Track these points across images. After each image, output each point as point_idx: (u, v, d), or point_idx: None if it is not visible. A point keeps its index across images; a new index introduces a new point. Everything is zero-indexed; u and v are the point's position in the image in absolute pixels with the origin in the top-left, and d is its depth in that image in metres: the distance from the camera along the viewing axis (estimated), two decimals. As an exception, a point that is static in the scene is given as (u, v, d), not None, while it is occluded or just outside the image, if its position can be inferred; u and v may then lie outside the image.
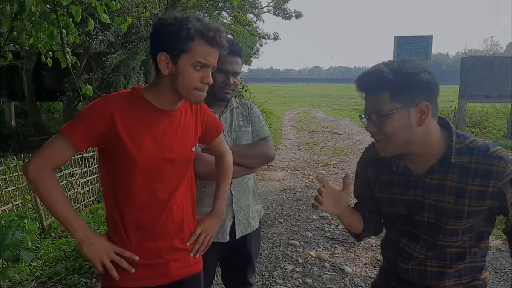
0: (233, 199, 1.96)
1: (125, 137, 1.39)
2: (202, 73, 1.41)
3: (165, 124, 1.48)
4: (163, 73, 1.41)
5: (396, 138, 1.30)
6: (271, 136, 2.06)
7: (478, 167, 1.28)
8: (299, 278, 3.52)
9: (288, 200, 5.68)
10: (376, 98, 1.29)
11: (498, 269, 3.70)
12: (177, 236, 1.57)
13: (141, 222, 1.48)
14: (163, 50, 1.39)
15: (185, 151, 1.55)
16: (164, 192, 1.50)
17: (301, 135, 12.01)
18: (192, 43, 1.37)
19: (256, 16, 15.01)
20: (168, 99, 1.47)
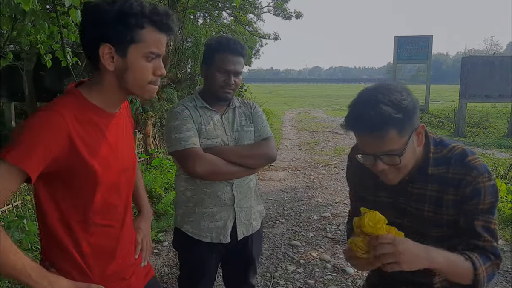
0: (234, 200, 1.94)
1: (84, 152, 1.19)
2: (154, 64, 1.24)
3: (114, 130, 1.31)
4: (108, 68, 1.20)
5: (406, 168, 1.30)
6: (273, 136, 2.05)
7: (454, 177, 1.30)
8: (300, 279, 3.50)
9: (289, 201, 5.66)
10: (382, 138, 1.22)
11: (501, 270, 3.68)
12: (131, 251, 1.47)
13: (102, 245, 1.32)
14: (105, 42, 1.17)
15: (132, 157, 1.42)
16: (121, 206, 1.37)
17: (302, 135, 12.00)
18: (142, 32, 1.18)
19: (256, 16, 15.00)
20: (115, 99, 1.29)
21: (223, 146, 1.90)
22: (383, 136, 1.21)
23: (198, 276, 2.01)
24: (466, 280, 1.25)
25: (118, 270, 1.38)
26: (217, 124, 1.92)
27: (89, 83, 1.28)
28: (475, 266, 1.23)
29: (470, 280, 1.24)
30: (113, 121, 1.31)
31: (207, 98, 1.95)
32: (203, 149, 1.83)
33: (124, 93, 1.28)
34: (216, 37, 1.95)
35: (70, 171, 1.20)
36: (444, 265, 1.21)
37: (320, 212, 5.15)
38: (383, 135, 1.21)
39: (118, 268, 1.38)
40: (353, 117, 1.25)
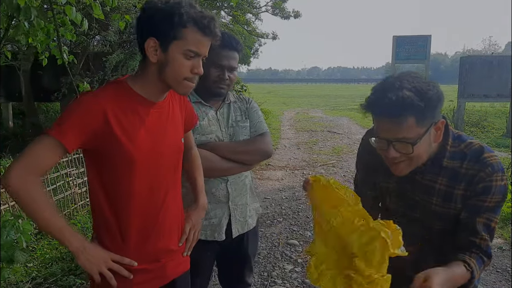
0: (229, 197, 1.91)
1: (120, 134, 1.31)
2: (193, 62, 1.33)
3: (155, 117, 1.40)
4: (151, 60, 1.32)
5: (419, 160, 1.28)
6: (269, 132, 2.02)
7: (467, 172, 1.28)
8: (298, 278, 3.48)
9: (287, 200, 5.63)
10: (400, 125, 1.20)
11: (499, 269, 3.66)
12: (173, 236, 1.53)
13: (139, 224, 1.40)
14: (152, 36, 1.29)
15: (176, 144, 1.49)
16: (161, 189, 1.44)
17: (300, 134, 11.98)
18: (184, 30, 1.28)
19: (255, 15, 14.99)
20: (156, 89, 1.39)
21: (217, 142, 1.87)
22: (401, 122, 1.19)
23: (193, 275, 1.98)
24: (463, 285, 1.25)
25: (155, 251, 1.45)
26: (212, 120, 1.89)
27: (136, 74, 1.40)
28: (473, 275, 1.24)
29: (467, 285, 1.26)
30: (154, 109, 1.40)
31: (201, 93, 1.91)
32: (197, 145, 1.80)
33: (164, 84, 1.37)
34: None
35: (107, 150, 1.32)
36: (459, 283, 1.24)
37: (318, 211, 5.12)
38: (402, 121, 1.19)
39: (154, 249, 1.45)
40: (374, 99, 1.23)
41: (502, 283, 3.43)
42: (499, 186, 1.25)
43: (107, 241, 1.40)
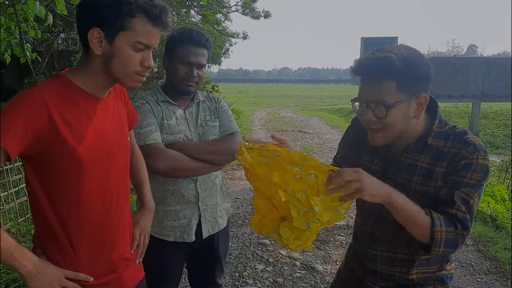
0: (199, 197, 1.87)
1: (67, 135, 1.17)
2: (142, 55, 1.23)
3: (102, 113, 1.29)
4: (95, 52, 1.20)
5: (393, 130, 1.28)
6: (239, 132, 2.00)
7: (450, 151, 1.29)
8: (269, 277, 3.47)
9: (258, 200, 5.62)
10: (380, 86, 1.24)
11: (464, 263, 3.78)
12: (127, 243, 1.42)
13: (92, 233, 1.28)
14: (96, 26, 1.17)
15: (125, 143, 1.39)
16: (113, 193, 1.33)
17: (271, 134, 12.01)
18: (132, 20, 1.18)
19: (225, 15, 14.92)
20: (100, 83, 1.26)
21: (186, 141, 1.83)
22: (380, 81, 1.23)
23: (161, 277, 1.93)
24: (423, 235, 1.23)
25: (110, 262, 1.34)
26: (180, 119, 1.85)
27: (76, 69, 1.28)
28: (433, 222, 1.22)
29: (427, 236, 1.22)
30: (100, 105, 1.29)
31: (169, 92, 1.87)
32: (165, 145, 1.76)
33: (109, 78, 1.26)
34: (179, 29, 1.89)
35: (53, 153, 1.18)
36: (402, 205, 1.21)
37: (289, 211, 5.14)
38: (381, 80, 1.22)
39: (109, 259, 1.34)
40: (363, 59, 1.27)
41: (467, 277, 3.53)
42: (480, 165, 1.26)
43: (57, 256, 1.25)
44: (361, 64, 1.28)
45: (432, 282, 1.42)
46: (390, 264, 1.42)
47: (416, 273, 1.41)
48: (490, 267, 3.69)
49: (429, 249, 1.23)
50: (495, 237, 4.26)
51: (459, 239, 1.24)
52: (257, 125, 14.23)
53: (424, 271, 1.41)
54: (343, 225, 4.60)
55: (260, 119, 16.23)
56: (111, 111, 1.33)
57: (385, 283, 1.45)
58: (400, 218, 1.24)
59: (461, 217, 1.23)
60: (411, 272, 1.40)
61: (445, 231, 1.22)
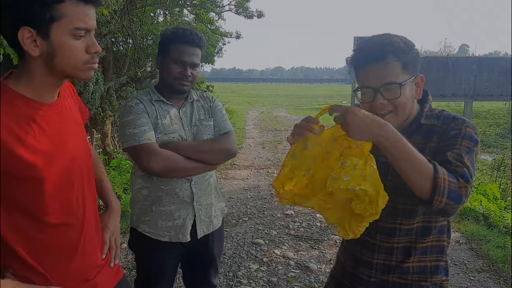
0: (193, 197, 1.86)
1: (21, 151, 1.07)
2: (85, 41, 1.11)
3: (55, 120, 1.18)
4: (32, 54, 1.07)
5: (404, 111, 1.31)
6: (233, 131, 1.99)
7: (441, 128, 1.32)
8: (264, 277, 3.47)
9: (252, 199, 5.63)
10: (387, 69, 1.25)
11: (457, 262, 3.80)
12: (97, 249, 1.36)
13: (59, 245, 1.21)
14: (23, 25, 1.04)
15: (84, 146, 1.31)
16: (78, 200, 1.25)
17: (265, 134, 12.02)
18: (61, 6, 1.05)
19: (218, 14, 14.88)
20: (47, 87, 1.15)
21: (180, 141, 1.82)
22: (387, 63, 1.24)
23: (156, 278, 1.93)
24: (425, 184, 1.15)
25: (81, 270, 1.28)
26: (174, 119, 1.84)
27: (17, 74, 1.14)
28: (436, 169, 1.16)
29: (429, 185, 1.14)
30: (51, 111, 1.17)
31: (163, 91, 1.86)
32: (160, 144, 1.75)
33: (58, 78, 1.15)
34: (172, 28, 1.88)
35: (10, 173, 1.07)
36: (396, 144, 1.14)
37: (283, 210, 5.15)
38: (388, 62, 1.24)
39: (80, 268, 1.27)
40: (361, 47, 1.28)
41: (460, 275, 3.56)
42: (469, 133, 1.26)
43: (24, 271, 1.17)
44: (361, 51, 1.29)
45: (428, 276, 1.40)
46: (387, 253, 1.41)
47: (412, 262, 1.40)
48: (483, 265, 3.72)
49: (432, 200, 1.14)
50: (487, 235, 4.30)
51: (462, 192, 1.17)
52: (250, 125, 14.23)
53: (421, 259, 1.40)
54: (337, 224, 4.61)
55: (253, 119, 16.24)
56: (65, 115, 1.23)
57: (381, 275, 1.43)
58: (398, 161, 1.17)
59: (460, 171, 1.19)
60: (408, 261, 1.39)
61: (448, 180, 1.15)
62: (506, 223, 4.51)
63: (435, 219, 1.38)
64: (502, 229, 4.45)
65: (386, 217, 1.38)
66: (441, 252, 1.42)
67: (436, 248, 1.41)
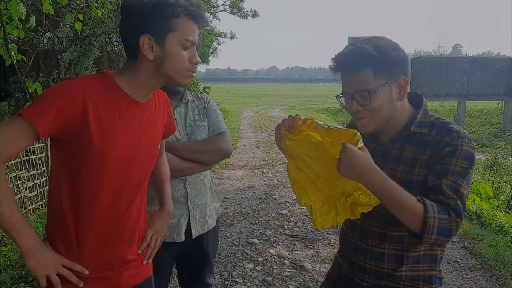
0: (188, 197, 1.88)
1: (96, 130, 1.22)
2: (190, 52, 1.30)
3: (137, 118, 1.33)
4: (148, 58, 1.25)
5: (380, 114, 1.32)
6: (228, 131, 2.01)
7: (434, 139, 1.32)
8: (258, 276, 3.49)
9: (247, 199, 5.64)
10: (358, 76, 1.29)
11: (450, 260, 3.84)
12: (132, 244, 1.43)
13: (99, 230, 1.31)
14: (144, 33, 1.23)
15: (153, 149, 1.42)
16: (128, 195, 1.35)
17: (259, 133, 12.03)
18: (178, 21, 1.25)
19: (212, 14, 14.89)
20: (145, 88, 1.32)
21: (175, 141, 1.83)
22: (358, 71, 1.28)
23: (151, 277, 1.93)
24: (415, 222, 1.18)
25: (110, 259, 1.36)
26: (169, 119, 1.85)
27: (123, 70, 1.32)
28: (426, 208, 1.18)
29: (419, 223, 1.18)
30: (137, 109, 1.32)
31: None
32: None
33: (159, 81, 1.32)
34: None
35: (79, 146, 1.22)
36: (382, 193, 1.19)
37: (278, 210, 5.17)
38: (358, 70, 1.28)
39: (110, 257, 1.36)
40: (338, 56, 1.33)
41: (453, 273, 3.59)
42: (465, 151, 1.26)
43: (61, 244, 1.30)
44: (337, 60, 1.33)
45: (421, 284, 1.40)
46: (379, 260, 1.42)
47: (405, 271, 1.40)
48: (476, 264, 3.76)
49: (421, 237, 1.18)
50: (480, 234, 4.34)
51: (453, 227, 1.19)
52: (245, 125, 14.24)
53: (414, 269, 1.40)
54: (331, 224, 4.64)
55: (248, 119, 16.25)
56: (147, 117, 1.36)
57: (373, 280, 1.45)
58: (386, 205, 1.22)
59: (453, 204, 1.21)
60: (400, 270, 1.39)
61: (438, 218, 1.18)
62: (498, 221, 4.56)
63: None
64: (495, 227, 4.49)
65: (378, 222, 1.41)
66: (434, 261, 1.42)
67: (428, 257, 1.40)
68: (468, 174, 1.26)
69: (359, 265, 1.48)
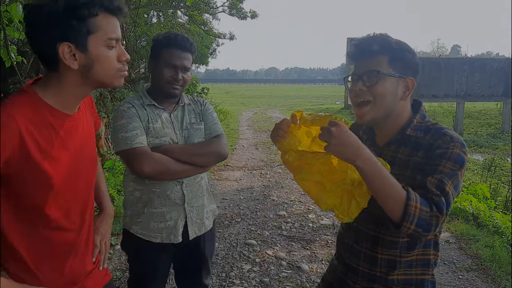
0: (184, 199, 1.90)
1: (37, 157, 1.13)
2: (116, 50, 1.19)
3: (72, 131, 1.25)
4: (72, 67, 1.13)
5: (382, 103, 1.34)
6: (224, 134, 2.03)
7: (428, 142, 1.33)
8: (256, 277, 3.51)
9: (245, 200, 5.66)
10: (373, 60, 1.34)
11: (446, 261, 3.86)
12: (88, 254, 1.41)
13: (55, 250, 1.27)
14: (62, 41, 1.10)
15: (93, 158, 1.37)
16: (77, 209, 1.31)
17: (258, 135, 12.04)
18: (96, 20, 1.13)
19: (212, 15, 14.90)
20: (74, 98, 1.22)
21: (171, 144, 1.86)
22: (374, 57, 1.33)
23: (148, 278, 1.96)
24: (396, 209, 1.18)
25: (71, 273, 1.33)
26: (166, 122, 1.88)
27: (45, 83, 1.20)
28: (409, 196, 1.17)
29: (400, 211, 1.17)
30: (70, 122, 1.24)
31: (154, 95, 1.90)
32: (151, 148, 1.79)
33: (89, 88, 1.23)
34: (164, 33, 1.91)
35: (22, 176, 1.14)
36: (370, 169, 1.18)
37: (276, 211, 5.19)
38: (374, 56, 1.33)
39: (71, 271, 1.32)
40: (358, 42, 1.38)
41: (449, 274, 3.61)
42: (455, 154, 1.26)
43: (19, 271, 1.23)
44: (357, 44, 1.38)
45: None
46: (371, 263, 1.43)
47: (397, 275, 1.41)
48: (472, 264, 3.78)
49: (400, 225, 1.18)
50: (476, 234, 4.36)
51: (433, 222, 1.19)
52: (244, 125, 14.25)
53: (406, 272, 1.41)
54: (329, 225, 4.66)
55: (247, 119, 16.26)
56: (81, 127, 1.30)
57: (366, 283, 1.46)
58: (371, 185, 1.21)
59: (436, 200, 1.21)
60: (392, 274, 1.41)
61: (419, 209, 1.18)
62: (495, 222, 4.58)
63: None
64: (491, 228, 4.52)
65: (372, 225, 1.43)
66: (427, 266, 1.42)
67: (421, 262, 1.41)
68: (455, 176, 1.26)
69: (353, 268, 1.50)
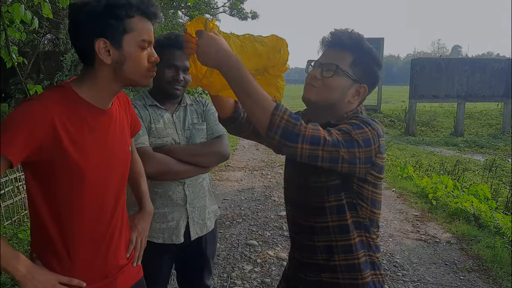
0: (186, 200, 1.90)
1: (69, 147, 1.20)
2: (147, 51, 1.27)
3: (105, 126, 1.31)
4: (105, 62, 1.22)
5: (328, 93, 1.37)
6: (226, 134, 2.03)
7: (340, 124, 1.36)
8: (257, 278, 3.51)
9: (246, 200, 5.66)
10: (340, 54, 1.36)
11: (447, 262, 3.86)
12: (121, 248, 1.44)
13: (88, 241, 1.31)
14: (99, 37, 1.19)
15: (126, 153, 1.42)
16: (110, 202, 1.36)
17: (259, 135, 12.04)
18: (132, 21, 1.22)
19: (213, 16, 14.90)
20: (107, 94, 1.30)
21: (174, 145, 1.86)
22: (343, 51, 1.36)
23: (150, 279, 1.95)
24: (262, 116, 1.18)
25: (103, 267, 1.36)
26: (168, 123, 1.88)
27: (81, 79, 1.28)
28: (276, 106, 1.18)
29: (267, 120, 1.17)
30: (104, 117, 1.31)
31: (156, 96, 1.90)
32: (153, 148, 1.79)
33: (120, 85, 1.30)
34: (165, 34, 1.92)
35: (53, 164, 1.20)
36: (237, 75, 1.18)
37: (277, 211, 5.19)
38: (343, 49, 1.36)
39: (103, 265, 1.36)
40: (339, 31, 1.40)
41: (450, 275, 3.61)
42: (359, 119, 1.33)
43: (52, 261, 1.28)
44: (333, 34, 1.40)
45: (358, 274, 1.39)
46: (312, 252, 1.43)
47: (338, 260, 1.39)
48: (473, 265, 3.78)
49: (266, 135, 1.18)
50: (478, 235, 4.36)
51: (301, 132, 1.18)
52: (245, 126, 14.25)
53: (347, 258, 1.39)
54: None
55: (248, 120, 16.27)
56: (114, 122, 1.35)
57: (316, 275, 1.44)
58: (239, 94, 1.21)
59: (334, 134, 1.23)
60: (332, 259, 1.39)
61: (286, 120, 1.17)
62: (496, 223, 4.58)
63: (349, 216, 1.37)
64: (492, 229, 4.51)
65: (303, 215, 1.45)
66: (367, 248, 1.41)
67: (360, 244, 1.39)
68: (361, 128, 1.27)
69: (301, 261, 1.49)
